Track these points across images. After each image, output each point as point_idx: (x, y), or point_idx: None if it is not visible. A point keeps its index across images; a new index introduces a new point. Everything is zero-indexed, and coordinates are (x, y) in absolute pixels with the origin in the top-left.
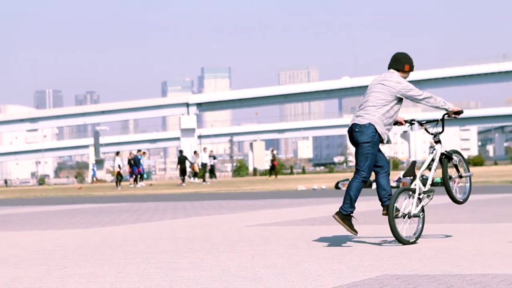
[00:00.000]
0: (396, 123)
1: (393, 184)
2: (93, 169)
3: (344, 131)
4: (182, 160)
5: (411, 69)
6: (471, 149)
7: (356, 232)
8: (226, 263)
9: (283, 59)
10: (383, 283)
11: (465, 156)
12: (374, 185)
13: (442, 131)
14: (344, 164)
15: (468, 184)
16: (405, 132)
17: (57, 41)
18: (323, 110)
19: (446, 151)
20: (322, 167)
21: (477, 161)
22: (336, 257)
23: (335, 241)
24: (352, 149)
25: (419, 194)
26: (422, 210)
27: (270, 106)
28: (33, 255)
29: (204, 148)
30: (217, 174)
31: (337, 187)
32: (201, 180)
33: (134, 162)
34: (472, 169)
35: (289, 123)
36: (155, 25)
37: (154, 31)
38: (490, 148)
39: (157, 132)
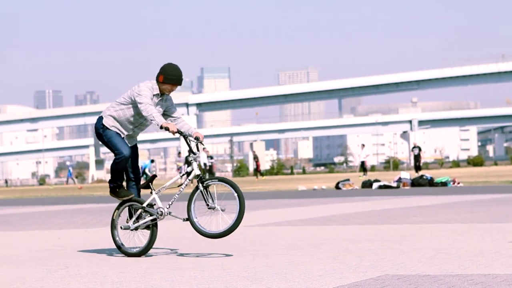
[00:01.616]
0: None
1: (394, 184)
2: (69, 170)
3: (344, 131)
4: (189, 160)
5: (166, 81)
6: (471, 149)
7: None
8: (227, 263)
9: (283, 59)
10: (384, 283)
11: (465, 157)
12: (374, 185)
13: (190, 150)
14: (345, 164)
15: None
16: (404, 132)
17: (56, 41)
18: (323, 110)
19: (203, 178)
20: (322, 167)
21: (477, 162)
22: (337, 258)
23: (336, 242)
24: (353, 149)
25: (142, 209)
26: (146, 226)
27: (270, 106)
28: (35, 255)
29: (204, 149)
30: (217, 174)
31: (337, 187)
32: None
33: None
34: (472, 169)
35: (289, 123)
36: (154, 25)
37: (153, 31)
38: (490, 148)
39: (157, 132)
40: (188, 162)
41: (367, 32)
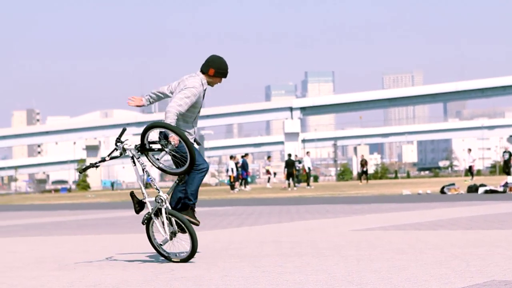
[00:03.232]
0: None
1: (500, 189)
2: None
3: (449, 135)
4: (289, 164)
5: (217, 75)
6: None
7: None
8: (331, 268)
9: (387, 62)
10: None
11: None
12: (480, 190)
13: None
14: (450, 169)
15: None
16: (511, 136)
17: (160, 46)
18: (428, 114)
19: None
20: (427, 172)
21: None
22: (443, 262)
23: (442, 246)
24: (458, 153)
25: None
26: (181, 229)
27: (374, 110)
28: (140, 258)
29: (307, 152)
30: (321, 178)
31: (442, 191)
32: (305, 184)
33: (242, 166)
34: None
35: (393, 127)
36: (259, 30)
37: (258, 36)
38: None
39: (261, 136)
40: (288, 165)
41: (473, 34)
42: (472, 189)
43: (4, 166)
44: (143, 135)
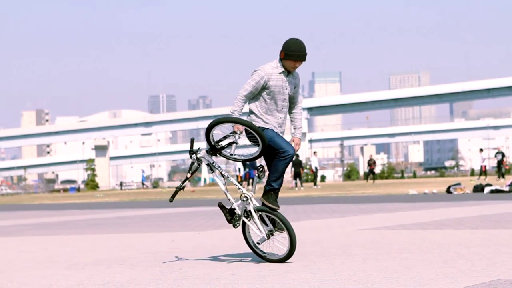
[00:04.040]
0: None
1: (506, 188)
2: (142, 175)
3: (455, 135)
4: (296, 163)
5: (287, 57)
6: None
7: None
8: (338, 267)
9: (394, 63)
10: None
11: None
12: (486, 189)
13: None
14: (456, 168)
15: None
16: None
17: (170, 47)
18: (434, 114)
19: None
20: (433, 171)
21: None
22: (448, 262)
23: (448, 246)
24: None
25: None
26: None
27: (381, 111)
28: (148, 257)
29: (315, 152)
30: (328, 178)
31: (448, 191)
32: (313, 184)
33: (251, 166)
34: None
35: (399, 127)
36: (264, 31)
37: (263, 37)
38: None
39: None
40: (295, 165)
41: (479, 35)
42: (478, 188)
43: (13, 166)
44: (208, 137)
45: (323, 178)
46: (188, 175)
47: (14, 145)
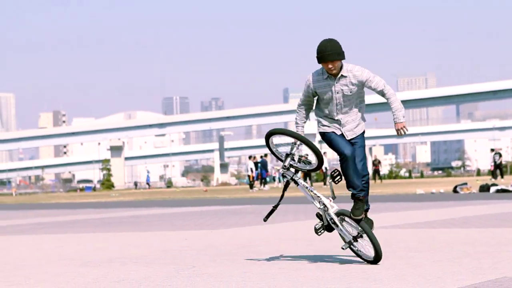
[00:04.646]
0: None
1: (511, 188)
2: (147, 176)
3: (462, 136)
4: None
5: (318, 61)
6: None
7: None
8: (347, 264)
9: (401, 66)
10: (502, 286)
11: None
12: (492, 189)
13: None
14: (462, 169)
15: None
16: None
17: (184, 49)
18: (441, 115)
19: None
20: (440, 171)
21: None
22: (455, 260)
23: (454, 244)
24: (470, 153)
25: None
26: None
27: (389, 112)
28: (162, 255)
29: (324, 153)
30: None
31: (455, 191)
32: (322, 183)
33: (262, 166)
34: None
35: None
36: (276, 34)
37: (276, 41)
38: None
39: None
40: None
41: (485, 38)
42: (484, 188)
43: (31, 166)
44: (270, 148)
45: None
46: (284, 193)
47: (32, 146)
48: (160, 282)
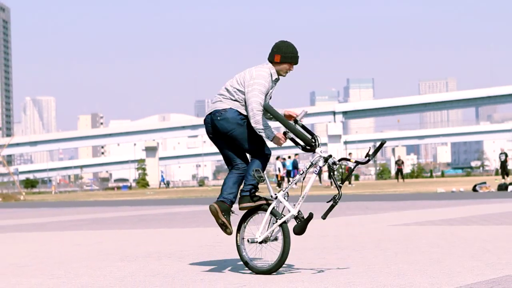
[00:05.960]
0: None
1: None
2: (161, 176)
3: (481, 137)
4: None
5: (284, 60)
6: None
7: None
8: (371, 260)
9: (423, 70)
10: None
11: None
12: (510, 188)
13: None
14: (481, 168)
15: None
16: None
17: (214, 54)
18: (461, 117)
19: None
20: (460, 171)
21: None
22: (475, 255)
23: (474, 241)
24: (489, 154)
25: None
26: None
27: (411, 114)
28: (195, 250)
29: (350, 153)
30: (362, 177)
31: (474, 189)
32: (347, 182)
33: (294, 166)
34: None
35: (428, 130)
36: (304, 40)
37: (303, 46)
38: None
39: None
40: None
41: (504, 42)
42: (502, 187)
43: (70, 166)
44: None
45: (356, 177)
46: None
47: (71, 146)
48: (193, 276)
